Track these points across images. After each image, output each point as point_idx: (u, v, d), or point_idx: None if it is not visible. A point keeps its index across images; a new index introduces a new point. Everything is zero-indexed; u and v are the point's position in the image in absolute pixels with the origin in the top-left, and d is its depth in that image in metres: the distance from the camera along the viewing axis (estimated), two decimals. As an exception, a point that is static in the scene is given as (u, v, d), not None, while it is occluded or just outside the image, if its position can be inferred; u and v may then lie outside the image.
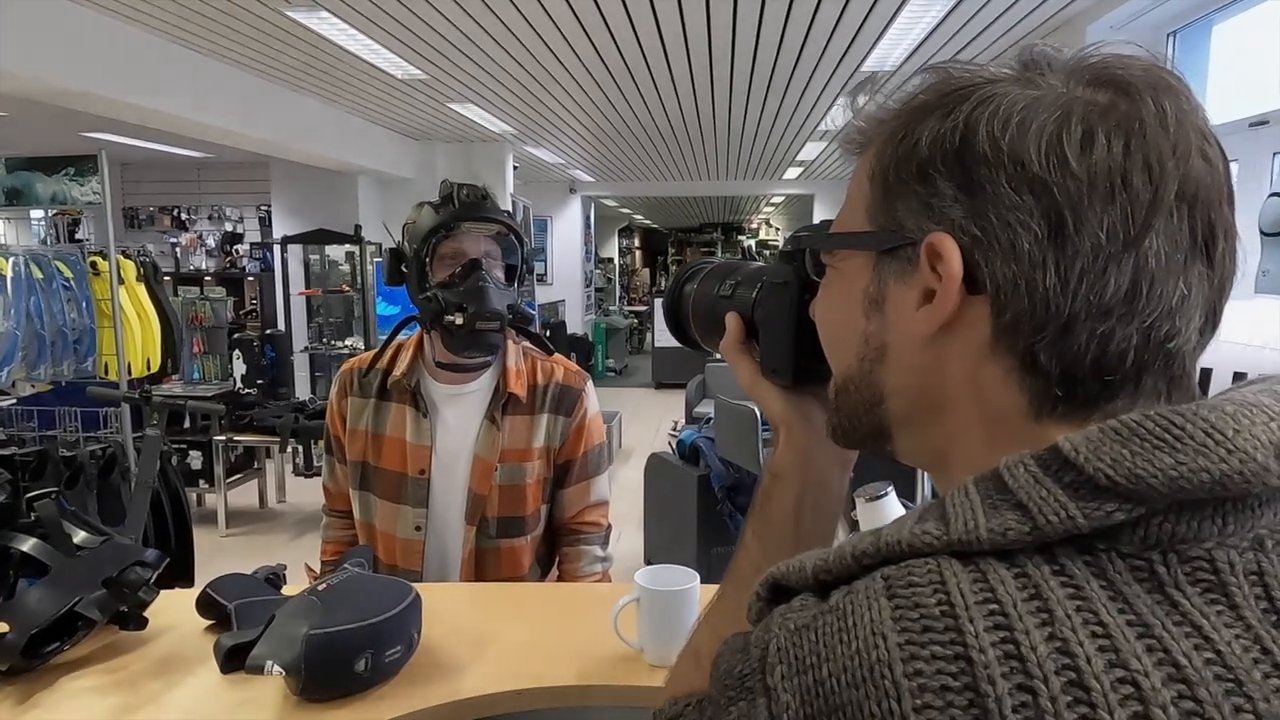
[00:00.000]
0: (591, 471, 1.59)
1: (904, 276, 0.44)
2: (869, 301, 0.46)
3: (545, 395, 1.54)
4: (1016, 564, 0.34)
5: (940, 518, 0.36)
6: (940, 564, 0.35)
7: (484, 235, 1.49)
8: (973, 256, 0.40)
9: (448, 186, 1.48)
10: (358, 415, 1.55)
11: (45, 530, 1.13)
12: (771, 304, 0.62)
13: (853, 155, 0.48)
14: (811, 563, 0.38)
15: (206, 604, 1.22)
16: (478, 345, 1.47)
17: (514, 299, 1.51)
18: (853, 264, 0.48)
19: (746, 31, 4.02)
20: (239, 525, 5.05)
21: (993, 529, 0.34)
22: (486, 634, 1.20)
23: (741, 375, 0.65)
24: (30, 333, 3.22)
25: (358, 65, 4.59)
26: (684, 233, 20.88)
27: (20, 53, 3.31)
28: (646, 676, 1.10)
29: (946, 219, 0.41)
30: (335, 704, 1.02)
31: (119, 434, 3.45)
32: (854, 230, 0.47)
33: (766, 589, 0.40)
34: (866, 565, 0.37)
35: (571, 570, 1.57)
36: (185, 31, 3.95)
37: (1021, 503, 0.35)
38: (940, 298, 0.41)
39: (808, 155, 8.40)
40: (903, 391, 0.46)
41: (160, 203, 8.78)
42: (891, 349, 0.45)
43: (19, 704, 1.02)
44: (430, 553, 1.52)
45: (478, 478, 1.50)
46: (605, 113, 6.15)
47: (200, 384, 5.41)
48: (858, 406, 0.49)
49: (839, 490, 0.64)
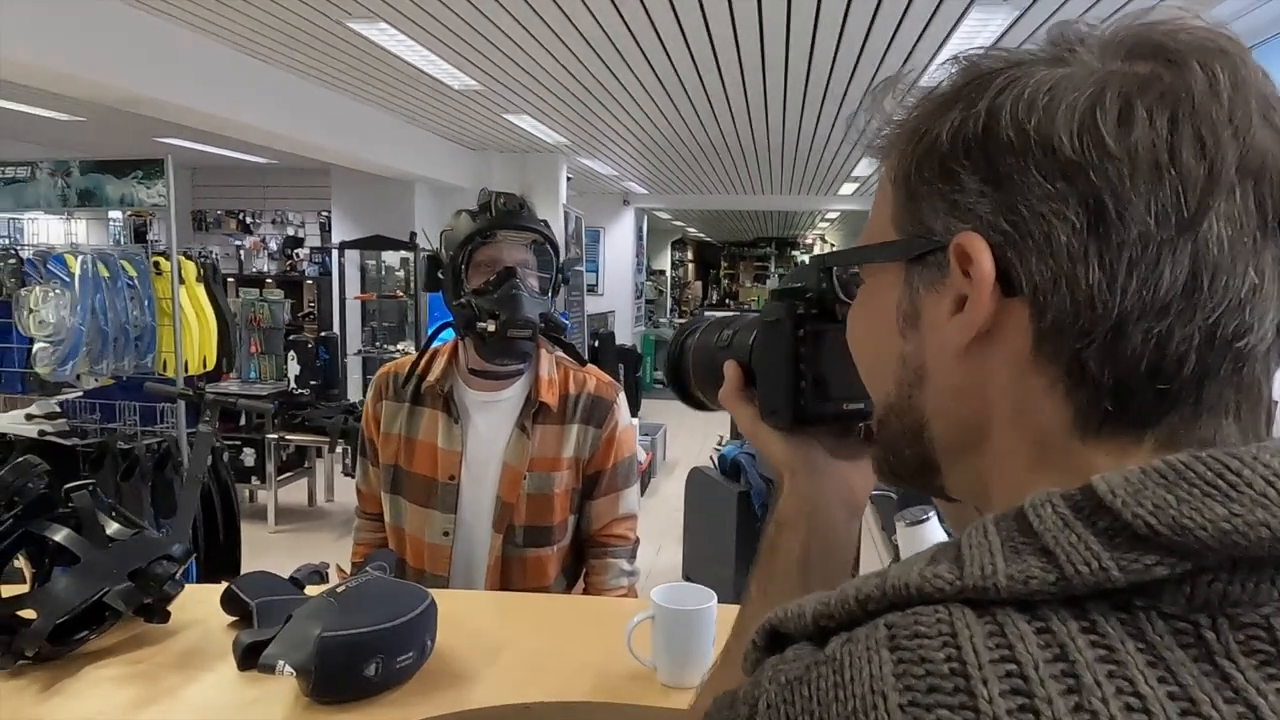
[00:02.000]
0: (621, 484, 1.57)
1: (936, 285, 0.40)
2: (903, 318, 0.42)
3: (577, 405, 1.54)
4: (1039, 617, 0.30)
5: (954, 560, 0.32)
6: (952, 613, 0.31)
7: (520, 244, 1.50)
8: (1005, 255, 0.36)
9: (486, 194, 1.50)
10: (392, 419, 1.56)
11: (79, 520, 1.16)
12: (766, 344, 0.59)
13: (879, 161, 0.45)
14: (812, 607, 0.34)
15: (230, 600, 1.23)
16: (509, 353, 1.48)
17: (547, 308, 1.51)
18: (883, 279, 0.44)
19: (800, 42, 3.99)
20: (287, 522, 5.17)
21: (1013, 576, 0.30)
22: (501, 644, 1.19)
23: (742, 422, 0.63)
24: (94, 329, 3.35)
25: (415, 76, 4.68)
26: (737, 246, 20.82)
27: (97, 61, 3.47)
28: (658, 697, 1.08)
29: (974, 216, 0.37)
30: (345, 707, 1.02)
31: (174, 429, 3.56)
32: (879, 241, 0.43)
33: (764, 636, 0.36)
34: (871, 610, 0.33)
35: (598, 583, 1.56)
36: (251, 41, 4.09)
37: (1047, 548, 0.31)
38: (973, 303, 0.37)
39: (863, 171, 8.30)
40: (943, 416, 0.42)
41: (227, 206, 9.09)
42: (930, 369, 0.41)
43: (43, 690, 1.05)
44: (457, 559, 1.53)
45: (506, 485, 1.50)
46: (659, 125, 6.16)
47: (256, 383, 5.56)
48: (900, 438, 0.44)
49: (848, 538, 0.60)
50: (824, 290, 0.57)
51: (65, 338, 3.34)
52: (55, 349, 3.37)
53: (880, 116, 0.44)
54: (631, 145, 7.15)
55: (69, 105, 5.19)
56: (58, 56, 3.28)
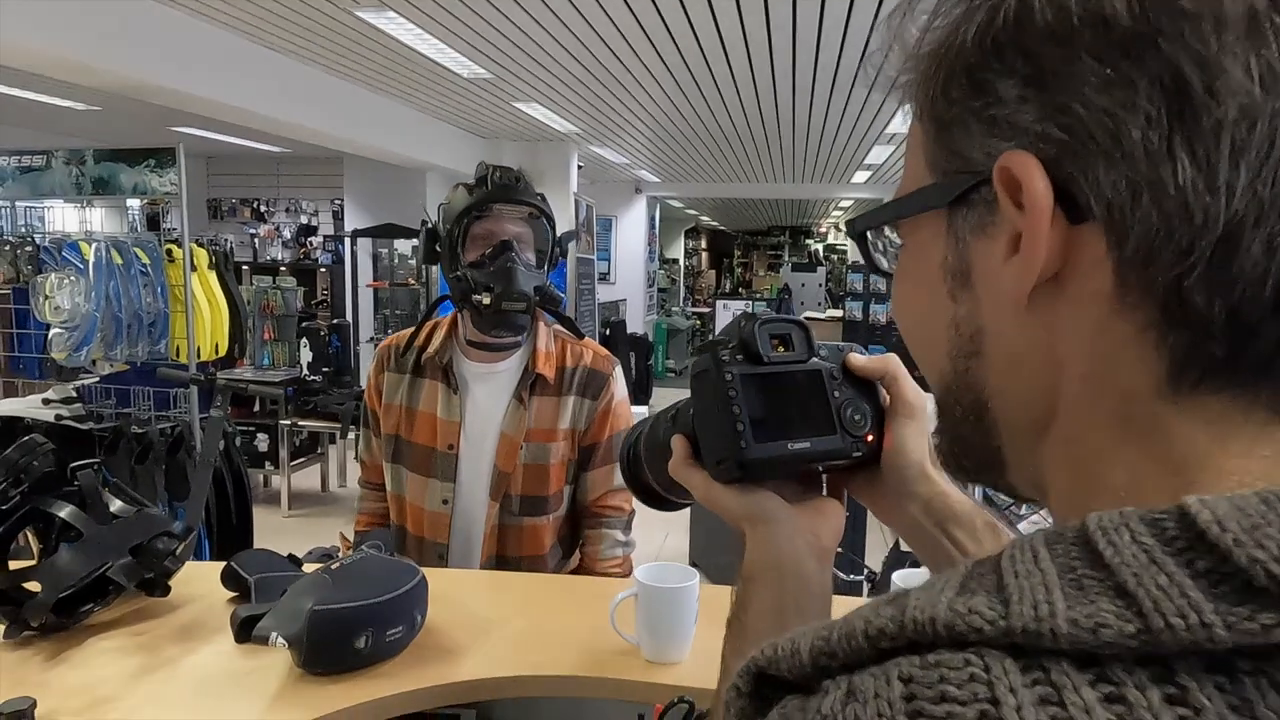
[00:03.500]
0: (616, 456, 1.59)
1: (985, 229, 0.33)
2: (951, 277, 0.35)
3: (573, 378, 1.56)
4: (1107, 678, 0.22)
5: (995, 590, 0.25)
6: (989, 665, 0.23)
7: (515, 217, 1.51)
8: (1063, 171, 0.29)
9: (483, 168, 1.52)
10: (393, 390, 1.60)
11: (84, 498, 1.20)
12: (699, 397, 0.58)
13: (906, 101, 0.38)
14: (809, 641, 0.27)
15: (230, 576, 1.27)
16: (505, 325, 1.50)
17: (543, 281, 1.53)
18: (923, 235, 0.37)
19: (808, 30, 3.98)
20: (300, 507, 5.24)
21: (1077, 621, 0.23)
22: (490, 621, 1.23)
23: (695, 489, 0.59)
24: (109, 315, 3.41)
25: (425, 64, 4.70)
26: (751, 235, 20.77)
27: (111, 50, 3.51)
28: (642, 672, 1.11)
29: (1018, 130, 0.30)
30: (336, 678, 1.05)
31: (188, 414, 3.62)
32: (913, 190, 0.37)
33: (748, 680, 0.29)
34: (884, 650, 0.26)
35: (593, 554, 1.59)
36: (263, 31, 4.12)
37: (1125, 588, 0.23)
38: (1029, 237, 0.30)
39: (876, 159, 8.25)
40: (1006, 391, 0.35)
41: (241, 195, 9.16)
42: (988, 334, 0.35)
43: (49, 659, 1.09)
44: (456, 526, 1.56)
45: (503, 455, 1.53)
46: (669, 113, 6.16)
47: (269, 369, 5.63)
48: (962, 423, 0.37)
49: (821, 586, 0.56)
50: (747, 338, 0.56)
51: (80, 324, 3.41)
52: (71, 335, 3.43)
53: (900, 47, 0.37)
54: (642, 134, 7.14)
55: (84, 94, 5.25)
56: (72, 46, 3.33)
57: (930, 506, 0.57)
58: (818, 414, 0.57)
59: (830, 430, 0.57)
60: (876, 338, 7.26)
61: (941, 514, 0.57)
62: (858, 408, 0.58)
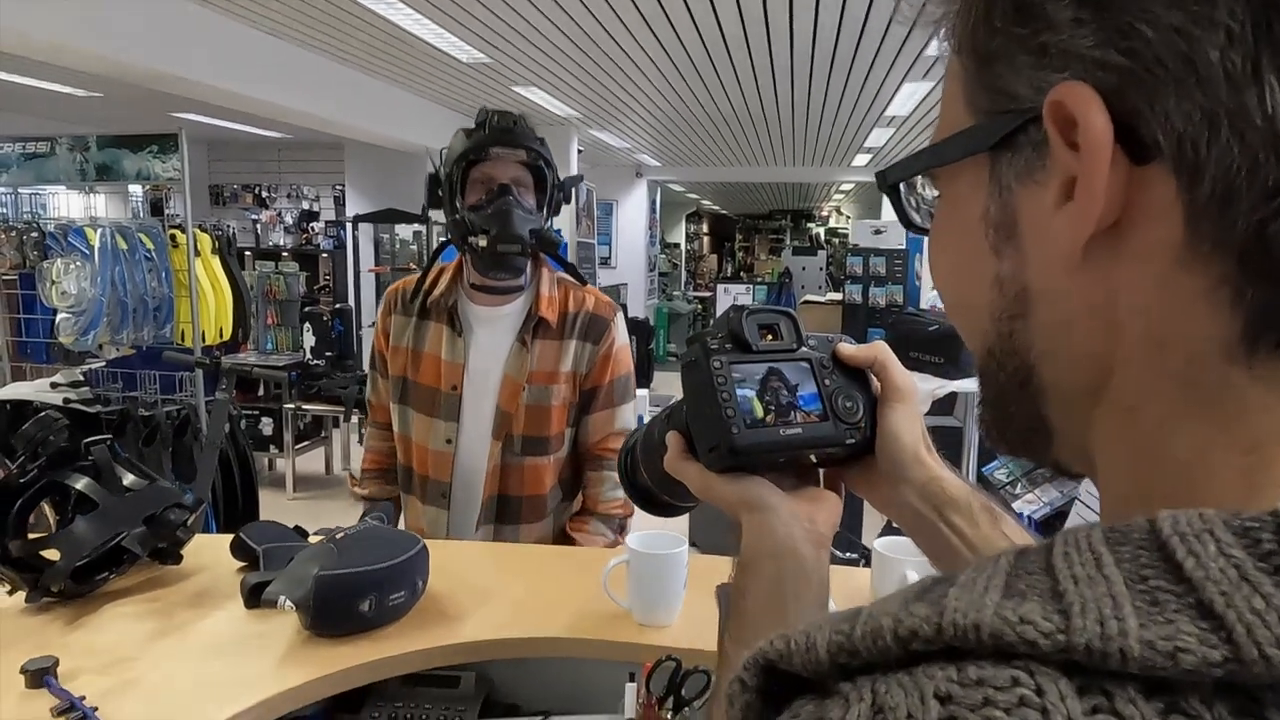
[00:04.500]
0: (617, 400, 1.63)
1: (1033, 174, 0.29)
2: (994, 229, 0.32)
3: (575, 322, 1.60)
4: (1182, 710, 0.19)
5: (1051, 597, 0.22)
6: (1043, 687, 0.20)
7: (514, 161, 1.53)
8: (1126, 103, 0.26)
9: (483, 114, 1.54)
10: (400, 332, 1.64)
11: (98, 471, 1.25)
12: (689, 388, 0.58)
13: (942, 41, 0.34)
14: (826, 636, 0.24)
15: (239, 547, 1.32)
16: (501, 267, 1.53)
17: (540, 225, 1.54)
18: (961, 185, 0.33)
19: (805, 11, 3.99)
20: (305, 490, 5.30)
21: (1153, 644, 0.20)
22: (490, 588, 1.28)
23: (691, 481, 0.59)
24: (114, 300, 3.46)
25: (424, 49, 4.73)
26: (753, 219, 20.74)
27: (113, 37, 3.54)
28: (633, 634, 1.16)
29: (1072, 59, 0.27)
30: (341, 640, 1.10)
31: (193, 397, 3.67)
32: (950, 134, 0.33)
33: (755, 674, 0.26)
34: (915, 652, 0.23)
35: (594, 495, 1.63)
36: (263, 16, 4.15)
37: (1212, 608, 0.20)
38: (1085, 181, 0.27)
39: (875, 141, 8.25)
40: (1056, 355, 0.31)
41: (243, 180, 9.20)
42: (1035, 291, 0.31)
43: (68, 623, 1.15)
44: (459, 465, 1.60)
45: (506, 396, 1.57)
46: (668, 97, 6.17)
47: (273, 354, 5.68)
48: (1005, 390, 0.34)
49: (818, 573, 0.55)
50: (735, 327, 0.57)
51: (86, 308, 3.46)
52: (77, 319, 3.48)
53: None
54: (643, 118, 7.15)
55: (86, 81, 5.27)
56: (75, 33, 3.36)
57: (926, 491, 0.57)
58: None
59: (823, 418, 0.57)
60: (875, 321, 7.29)
61: (938, 499, 0.56)
62: (849, 395, 0.59)
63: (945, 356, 3.76)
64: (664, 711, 0.97)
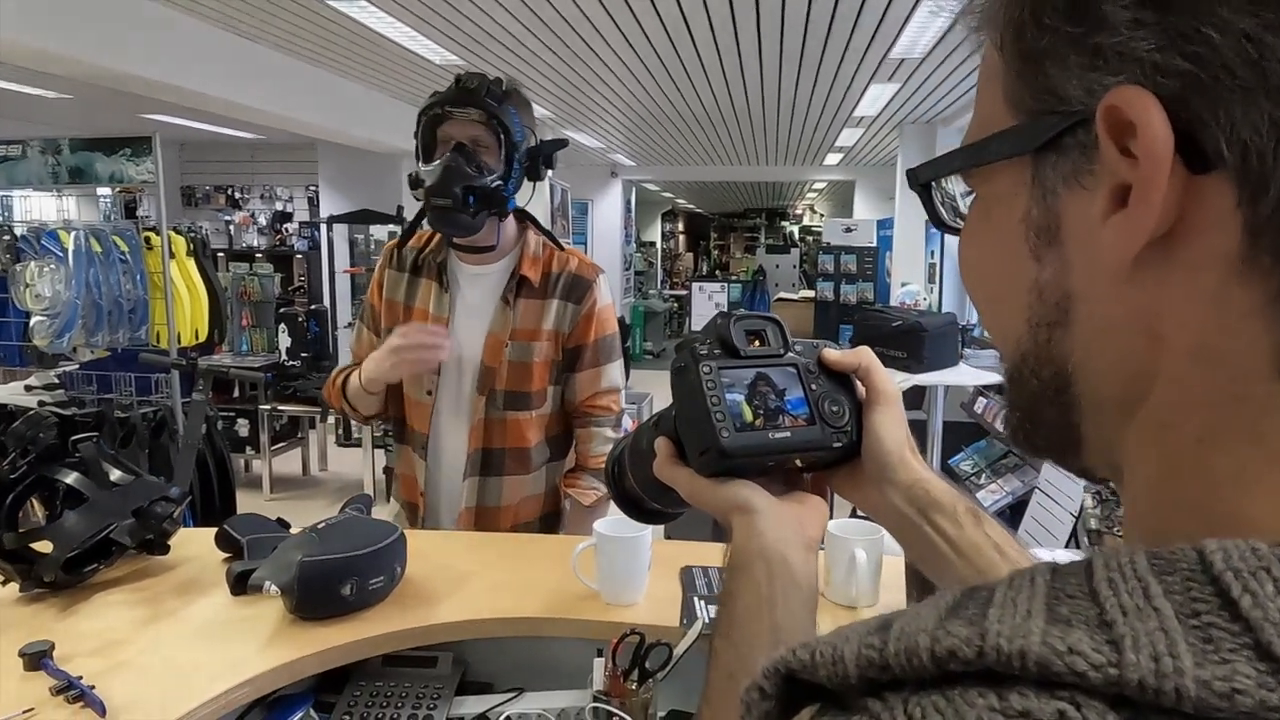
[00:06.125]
0: (603, 359, 1.69)
1: (1080, 178, 0.28)
2: (1035, 233, 0.31)
3: (558, 282, 1.65)
4: None
5: (1099, 627, 0.21)
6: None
7: (472, 121, 1.54)
8: (1188, 111, 0.25)
9: (463, 77, 1.57)
10: (394, 286, 1.70)
11: (86, 466, 1.30)
12: (679, 392, 0.59)
13: (980, 37, 0.33)
14: (854, 649, 0.24)
15: (223, 538, 1.38)
16: (445, 223, 1.55)
17: (485, 183, 1.52)
18: (1000, 186, 0.32)
19: (771, 13, 4.08)
20: (282, 491, 5.32)
21: (1209, 684, 0.19)
22: (465, 573, 1.35)
23: (680, 486, 0.60)
24: (89, 302, 3.47)
25: (397, 52, 4.76)
26: (727, 218, 20.88)
27: (81, 39, 3.55)
28: (600, 613, 1.23)
29: (1130, 62, 0.26)
30: (324, 622, 1.17)
31: (169, 399, 3.69)
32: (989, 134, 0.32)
33: (775, 683, 0.26)
34: (952, 673, 0.22)
35: (585, 451, 1.70)
36: (233, 18, 4.16)
37: (1271, 651, 0.20)
38: (1142, 191, 0.26)
39: (846, 141, 8.39)
40: (1094, 365, 0.30)
41: (216, 182, 9.15)
42: (1078, 299, 0.30)
43: (61, 611, 1.20)
44: (441, 419, 1.65)
45: (489, 352, 1.63)
46: (641, 98, 6.24)
47: (249, 355, 5.69)
48: (1037, 396, 0.33)
49: (806, 576, 0.55)
50: (722, 333, 0.58)
51: (61, 311, 3.47)
52: (52, 322, 3.49)
53: None
54: (616, 118, 7.22)
55: (56, 83, 5.24)
56: (43, 35, 3.37)
57: (911, 494, 0.58)
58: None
59: (810, 422, 0.58)
60: (846, 318, 7.42)
61: (922, 501, 0.57)
62: (835, 400, 0.60)
63: (907, 351, 3.86)
64: (629, 683, 1.05)
